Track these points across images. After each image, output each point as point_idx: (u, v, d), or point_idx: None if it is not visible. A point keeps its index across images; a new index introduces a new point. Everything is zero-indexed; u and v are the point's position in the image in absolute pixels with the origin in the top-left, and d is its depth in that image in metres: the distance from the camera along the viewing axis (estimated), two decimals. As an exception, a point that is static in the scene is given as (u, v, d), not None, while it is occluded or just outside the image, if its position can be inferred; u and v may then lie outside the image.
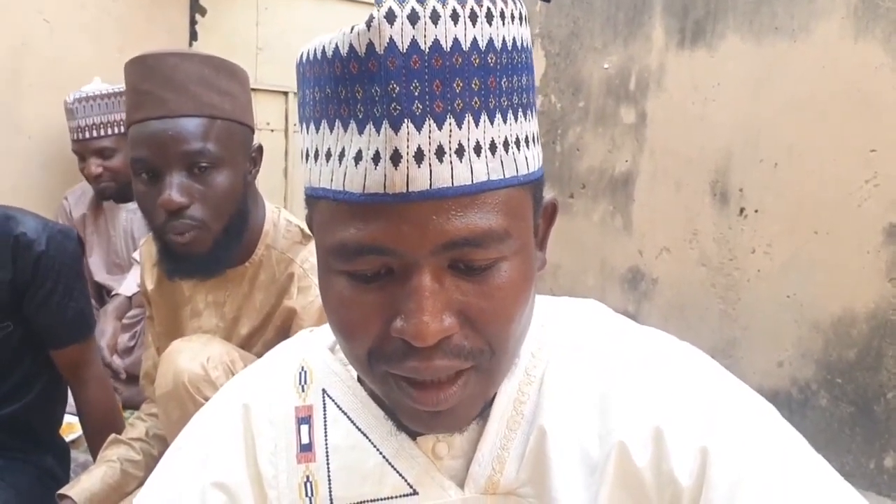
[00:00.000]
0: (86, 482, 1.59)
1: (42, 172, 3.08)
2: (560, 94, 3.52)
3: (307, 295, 1.57)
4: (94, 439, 1.79)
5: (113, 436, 1.70)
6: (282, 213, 1.67)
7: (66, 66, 3.04)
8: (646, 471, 0.70)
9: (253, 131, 1.60)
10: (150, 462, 1.66)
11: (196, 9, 3.44)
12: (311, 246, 1.61)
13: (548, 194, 0.73)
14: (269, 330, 1.61)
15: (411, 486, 0.75)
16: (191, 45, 3.40)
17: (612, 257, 3.32)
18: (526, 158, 0.65)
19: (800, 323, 2.57)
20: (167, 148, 1.43)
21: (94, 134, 2.80)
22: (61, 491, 1.58)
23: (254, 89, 1.77)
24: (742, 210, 2.75)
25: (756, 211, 2.71)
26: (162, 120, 1.44)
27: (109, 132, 2.80)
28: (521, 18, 0.65)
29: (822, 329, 2.51)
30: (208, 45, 3.34)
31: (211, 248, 1.49)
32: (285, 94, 3.71)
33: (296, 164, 3.82)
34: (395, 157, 0.59)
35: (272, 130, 3.70)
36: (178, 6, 3.39)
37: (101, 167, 2.80)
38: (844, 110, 2.44)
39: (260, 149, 1.61)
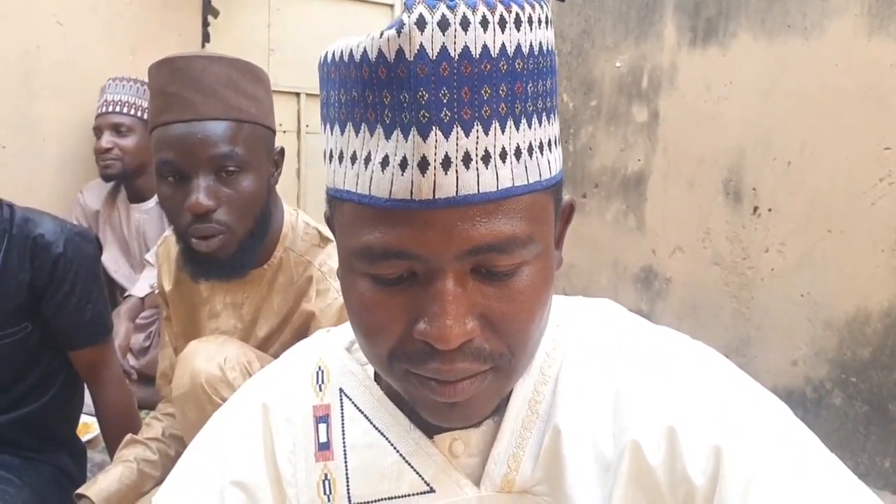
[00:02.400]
0: (103, 482, 1.60)
1: (56, 174, 3.10)
2: (572, 94, 3.51)
3: (325, 298, 1.57)
4: (111, 439, 1.80)
5: (130, 436, 1.70)
6: (300, 216, 1.66)
7: (79, 69, 3.06)
8: (659, 469, 0.70)
9: (275, 134, 1.60)
10: (167, 462, 1.67)
11: (208, 11, 3.45)
12: (329, 249, 1.61)
13: (564, 195, 0.74)
14: (287, 332, 1.61)
15: (428, 484, 0.76)
16: (203, 47, 3.41)
17: (626, 257, 3.31)
18: (549, 162, 0.66)
19: (813, 322, 2.56)
20: (195, 151, 1.43)
21: (116, 109, 2.85)
22: (79, 491, 1.59)
23: (267, 91, 1.79)
24: (755, 209, 2.74)
25: (769, 210, 2.70)
26: (190, 123, 1.43)
27: (130, 112, 2.84)
28: (546, 22, 0.65)
29: (836, 328, 2.50)
30: (220, 47, 3.35)
31: (236, 251, 1.50)
32: (297, 95, 3.72)
33: (308, 166, 3.82)
34: (423, 165, 0.59)
35: (284, 132, 3.70)
36: (190, 8, 3.40)
37: (113, 143, 2.82)
38: (858, 108, 2.43)
39: (282, 151, 1.61)
